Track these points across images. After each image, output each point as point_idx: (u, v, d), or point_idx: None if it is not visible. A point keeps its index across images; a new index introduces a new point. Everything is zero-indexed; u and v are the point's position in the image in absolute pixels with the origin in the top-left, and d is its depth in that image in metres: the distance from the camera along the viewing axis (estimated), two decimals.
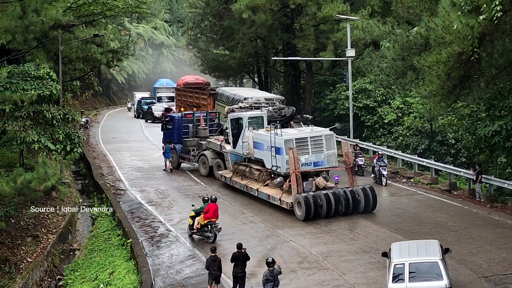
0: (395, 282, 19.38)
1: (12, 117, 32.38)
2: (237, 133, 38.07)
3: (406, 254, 20.29)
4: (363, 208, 32.36)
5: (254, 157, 36.44)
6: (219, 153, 41.52)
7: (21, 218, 33.92)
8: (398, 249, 20.95)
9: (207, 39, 74.13)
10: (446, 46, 26.62)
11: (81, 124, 64.83)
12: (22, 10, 32.09)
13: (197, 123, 45.50)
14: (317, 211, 31.23)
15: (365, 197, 32.35)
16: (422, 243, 21.89)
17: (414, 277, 19.36)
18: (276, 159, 33.58)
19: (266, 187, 34.93)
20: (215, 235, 28.58)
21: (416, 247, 21.12)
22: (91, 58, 50.36)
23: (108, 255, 30.86)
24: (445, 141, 45.91)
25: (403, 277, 19.36)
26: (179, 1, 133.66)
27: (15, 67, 33.10)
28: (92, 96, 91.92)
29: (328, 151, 34.18)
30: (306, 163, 33.19)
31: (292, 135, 33.87)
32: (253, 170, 36.58)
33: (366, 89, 55.84)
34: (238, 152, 38.17)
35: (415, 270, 19.53)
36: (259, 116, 37.80)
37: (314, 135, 34.24)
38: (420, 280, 19.37)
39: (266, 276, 20.81)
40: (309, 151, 33.52)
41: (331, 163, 34.39)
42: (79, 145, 35.16)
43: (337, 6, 54.02)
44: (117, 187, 40.78)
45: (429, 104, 35.02)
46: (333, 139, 34.87)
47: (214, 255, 22.66)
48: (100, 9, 44.93)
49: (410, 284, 19.19)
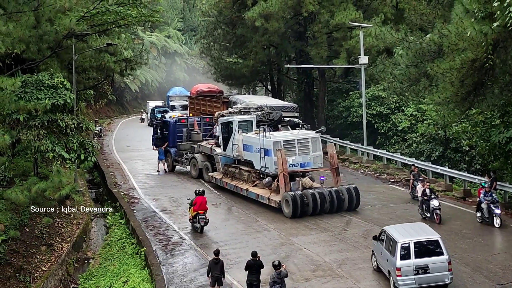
0: (403, 259, 22.00)
1: (27, 126, 32.47)
2: (227, 136, 40.18)
3: (408, 235, 22.90)
4: (347, 206, 34.29)
5: (244, 159, 38.33)
6: (209, 156, 43.79)
7: (36, 227, 33.98)
8: (395, 231, 23.56)
9: (220, 48, 74.30)
10: (459, 53, 26.59)
11: (95, 133, 65.09)
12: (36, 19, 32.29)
13: (191, 127, 47.15)
14: (303, 209, 33.21)
15: (349, 196, 34.31)
16: (414, 225, 25.53)
17: (419, 254, 22.05)
18: (264, 160, 35.57)
19: (255, 187, 36.85)
20: (201, 226, 31.07)
21: (411, 228, 24.15)
22: (105, 67, 50.54)
23: (122, 263, 30.89)
24: (459, 148, 45.67)
25: (410, 254, 22.01)
26: (192, 9, 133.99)
27: (29, 77, 33.20)
28: (106, 105, 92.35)
29: (314, 153, 36.02)
30: (293, 164, 35.08)
31: (280, 137, 35.85)
32: (242, 171, 38.49)
33: (380, 96, 55.71)
34: (228, 155, 40.17)
35: (419, 247, 22.23)
36: (248, 120, 40.10)
37: (301, 137, 36.08)
38: (424, 256, 22.10)
39: (274, 278, 21.26)
40: (296, 152, 35.32)
41: (317, 164, 36.23)
42: (93, 154, 35.20)
43: (350, 14, 54.03)
44: (131, 196, 40.85)
45: (443, 111, 34.93)
46: (319, 141, 36.58)
47: (217, 258, 22.75)
48: (113, 18, 45.04)
49: (416, 260, 21.95)
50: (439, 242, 22.43)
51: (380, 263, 24.41)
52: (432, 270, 22.00)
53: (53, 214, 35.86)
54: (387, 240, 23.42)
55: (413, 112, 52.34)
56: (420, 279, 22.00)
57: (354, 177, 45.91)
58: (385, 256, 23.37)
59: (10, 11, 28.46)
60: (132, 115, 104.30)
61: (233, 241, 29.68)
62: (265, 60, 67.34)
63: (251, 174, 37.59)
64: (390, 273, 22.79)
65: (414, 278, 21.95)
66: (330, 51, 59.01)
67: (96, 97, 64.36)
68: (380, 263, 24.31)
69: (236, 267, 25.55)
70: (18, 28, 27.48)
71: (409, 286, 22.02)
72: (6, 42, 27.00)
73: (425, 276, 22.02)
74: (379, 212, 34.46)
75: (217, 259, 22.77)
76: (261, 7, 55.38)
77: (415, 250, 22.11)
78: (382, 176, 45.78)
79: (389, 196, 38.48)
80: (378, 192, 39.90)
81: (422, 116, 50.94)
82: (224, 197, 38.56)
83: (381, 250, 23.95)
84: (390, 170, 46.69)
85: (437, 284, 22.30)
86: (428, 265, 22.02)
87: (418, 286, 22.08)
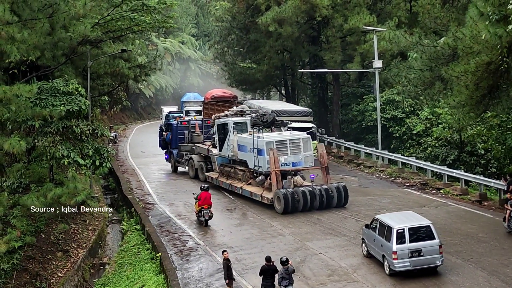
0: (399, 243, 24.01)
1: (42, 133, 32.63)
2: (223, 137, 42.10)
3: (402, 222, 25.02)
4: (336, 203, 35.97)
5: (239, 158, 40.39)
6: (206, 157, 45.79)
7: (52, 233, 34.14)
8: (389, 219, 25.70)
9: (234, 53, 74.46)
10: (474, 56, 26.47)
11: (110, 139, 65.19)
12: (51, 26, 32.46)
13: (192, 129, 48.66)
14: (294, 205, 35.04)
15: (337, 194, 36.01)
16: (404, 213, 28.06)
17: (413, 239, 24.14)
18: (258, 160, 37.51)
19: (249, 186, 38.78)
20: (205, 220, 33.38)
21: (403, 216, 26.55)
22: (119, 73, 50.76)
23: (138, 269, 30.96)
24: (475, 152, 45.41)
25: (405, 239, 24.07)
26: (205, 15, 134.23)
27: (44, 83, 33.37)
28: (121, 110, 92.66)
29: (305, 153, 37.85)
30: (285, 163, 36.99)
31: (272, 138, 37.91)
32: (237, 171, 40.52)
33: (394, 100, 55.53)
34: (223, 155, 42.30)
35: (413, 233, 24.30)
36: (243, 122, 42.20)
37: (292, 138, 38.11)
38: (418, 241, 24.18)
39: (282, 275, 21.73)
40: (288, 152, 37.29)
41: (308, 163, 37.93)
42: (108, 160, 35.33)
43: (364, 18, 53.96)
44: (146, 201, 40.92)
45: (458, 114, 34.74)
46: (309, 142, 38.50)
47: (269, 263, 22.59)
48: (127, 25, 45.23)
49: (411, 245, 24.02)
50: (431, 228, 24.53)
51: (372, 249, 26.41)
52: (425, 253, 24.09)
53: (68, 220, 36.03)
54: (381, 227, 25.39)
55: (428, 116, 52.15)
56: (414, 261, 24.03)
57: (369, 181, 45.80)
58: (379, 242, 25.33)
59: (25, 18, 28.62)
60: (146, 121, 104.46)
61: (248, 246, 29.68)
62: (279, 65, 67.36)
63: (246, 173, 39.54)
64: (385, 257, 24.74)
65: (409, 261, 23.97)
66: (344, 55, 58.96)
67: (111, 103, 64.54)
68: (373, 249, 26.26)
69: (251, 272, 25.53)
70: (33, 35, 27.63)
71: (405, 268, 24.02)
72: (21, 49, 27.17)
73: (419, 258, 24.07)
74: None
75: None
76: (275, 12, 55.44)
77: (409, 235, 24.17)
78: (397, 180, 45.61)
79: (404, 200, 38.34)
80: (393, 196, 39.77)
81: (437, 119, 50.75)
82: (239, 202, 38.57)
83: (374, 237, 25.91)
84: (405, 174, 46.51)
85: (429, 266, 24.37)
86: (421, 248, 24.09)
87: (412, 268, 24.11)
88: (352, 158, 54.55)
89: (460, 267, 25.29)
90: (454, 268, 25.21)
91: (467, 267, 25.27)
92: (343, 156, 56.06)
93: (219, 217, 35.54)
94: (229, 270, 23.31)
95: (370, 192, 40.01)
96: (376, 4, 60.99)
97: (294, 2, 54.51)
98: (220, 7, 74.49)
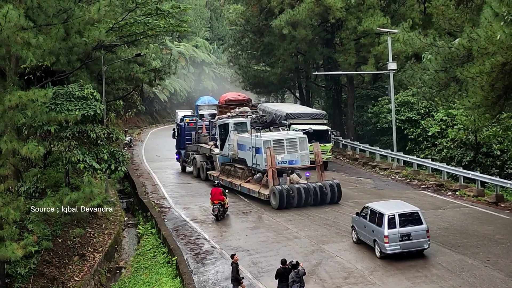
0: (390, 228, 26.27)
1: (58, 138, 32.73)
2: (224, 137, 44.41)
3: (392, 209, 27.25)
4: (329, 200, 37.87)
5: (238, 157, 42.28)
6: (208, 157, 48.27)
7: (68, 237, 34.27)
8: (380, 206, 27.94)
9: (248, 56, 74.54)
10: (489, 57, 26.35)
11: (125, 143, 65.43)
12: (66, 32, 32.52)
13: (199, 130, 50.73)
14: (289, 201, 37.00)
15: (331, 191, 37.90)
16: (392, 201, 31.32)
17: (403, 224, 26.46)
18: (256, 158, 39.40)
19: (247, 183, 40.67)
20: (217, 214, 35.35)
21: (392, 204, 29.40)
22: (134, 77, 50.94)
23: (154, 273, 30.99)
24: (491, 153, 45.22)
25: (395, 224, 26.33)
26: (219, 19, 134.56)
27: (59, 88, 33.47)
28: (135, 115, 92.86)
29: (302, 152, 39.74)
30: (282, 161, 38.96)
31: (270, 137, 39.84)
32: (237, 169, 42.62)
33: (409, 101, 55.34)
34: (224, 154, 44.46)
35: (403, 218, 26.64)
36: (243, 122, 44.41)
37: (289, 137, 40.14)
38: (407, 226, 26.52)
39: (293, 278, 21.79)
40: (285, 151, 39.20)
41: (304, 162, 39.81)
42: (123, 164, 35.39)
43: (378, 20, 53.89)
44: (161, 205, 41.00)
45: (473, 115, 34.65)
46: (306, 141, 40.31)
47: (284, 266, 22.60)
48: (141, 29, 45.37)
49: (401, 229, 26.35)
50: (419, 214, 27.00)
51: (362, 236, 28.80)
52: (414, 237, 26.45)
53: (84, 224, 36.15)
54: (372, 214, 27.66)
55: (443, 117, 51.96)
56: (404, 244, 26.39)
57: (384, 183, 45.69)
58: (370, 228, 27.66)
59: (40, 24, 28.69)
60: (161, 124, 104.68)
61: (264, 249, 29.68)
62: (293, 68, 67.42)
63: (244, 171, 41.60)
64: (377, 241, 27.11)
65: (399, 244, 26.32)
66: (358, 58, 58.89)
67: (126, 107, 64.88)
68: (363, 235, 28.64)
69: (267, 275, 25.54)
70: (48, 41, 27.65)
71: (395, 251, 26.36)
72: (37, 54, 27.21)
73: (408, 242, 26.44)
74: None
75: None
76: (288, 15, 55.50)
77: (399, 220, 26.48)
78: (412, 182, 45.49)
79: (420, 202, 38.13)
80: (409, 198, 39.58)
81: (452, 121, 50.57)
82: (254, 205, 38.61)
83: (365, 224, 28.24)
84: (421, 176, 46.39)
85: (417, 249, 26.77)
86: (410, 233, 26.47)
87: (402, 251, 26.47)
88: (367, 160, 54.47)
89: (477, 269, 25.21)
90: (471, 270, 25.14)
91: (484, 269, 25.18)
92: (358, 158, 55.98)
93: (235, 220, 35.63)
94: (237, 273, 23.39)
95: (385, 194, 39.90)
96: (389, 6, 60.94)
97: (308, 4, 54.53)
98: (233, 10, 74.73)
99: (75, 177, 39.61)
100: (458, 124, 48.34)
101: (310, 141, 45.04)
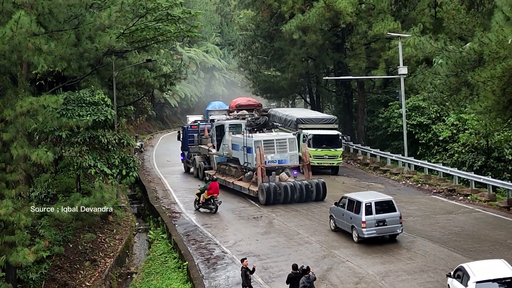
0: (367, 214, 29.32)
1: (69, 143, 32.83)
2: (220, 138, 47.35)
3: (369, 197, 30.50)
4: (315, 197, 40.35)
5: (232, 156, 44.94)
6: (207, 157, 51.16)
7: (79, 242, 34.35)
8: (358, 196, 31.12)
9: (258, 61, 74.65)
10: (500, 61, 26.26)
11: (136, 148, 65.62)
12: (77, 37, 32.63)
13: (201, 133, 52.73)
14: (276, 197, 39.60)
15: (316, 188, 40.32)
16: (368, 192, 36.77)
17: (378, 211, 29.47)
18: (247, 157, 41.98)
19: (240, 181, 43.42)
20: (216, 207, 38.53)
21: (368, 193, 34.58)
22: (144, 83, 51.09)
23: (165, 278, 30.98)
24: (502, 157, 45.04)
25: (372, 211, 29.36)
26: (229, 24, 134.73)
27: (70, 94, 33.59)
28: (146, 120, 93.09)
29: (291, 152, 42.14)
30: (272, 161, 41.57)
31: (261, 137, 42.23)
32: (231, 168, 45.58)
33: (420, 106, 55.23)
34: (220, 154, 47.31)
35: (379, 206, 29.70)
36: (238, 124, 47.82)
37: (279, 138, 42.79)
38: (382, 212, 29.56)
39: (304, 283, 21.63)
40: (275, 150, 41.67)
41: (293, 161, 42.37)
42: (134, 169, 35.45)
43: (388, 24, 53.81)
44: (172, 210, 41.04)
45: (485, 120, 34.53)
46: (295, 142, 43.04)
47: (295, 271, 22.56)
48: (152, 35, 45.54)
49: (377, 216, 29.39)
50: (392, 202, 30.18)
51: (340, 224, 31.92)
52: (388, 223, 29.63)
53: (96, 229, 36.22)
54: (350, 203, 30.63)
55: (454, 122, 51.82)
56: (379, 229, 29.55)
57: (395, 188, 45.60)
58: (348, 216, 30.68)
59: (52, 30, 28.78)
60: (172, 130, 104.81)
61: (274, 254, 29.65)
62: (303, 73, 67.45)
63: (237, 169, 44.38)
64: (354, 227, 30.25)
65: (375, 229, 29.47)
66: (369, 62, 58.78)
67: (137, 112, 65.10)
68: (341, 223, 31.73)
69: (278, 280, 25.49)
70: (59, 46, 27.73)
71: (372, 235, 29.51)
72: (48, 60, 27.29)
73: (383, 227, 29.60)
74: (422, 223, 34.17)
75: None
76: (299, 19, 55.54)
77: (376, 208, 29.49)
78: (424, 187, 45.39)
79: (431, 207, 38.14)
80: (420, 203, 39.58)
81: (463, 125, 50.42)
82: (265, 210, 38.58)
83: (343, 212, 31.25)
84: (432, 181, 46.28)
85: (391, 233, 30.02)
86: (385, 219, 29.60)
87: (378, 235, 29.70)
88: (378, 165, 54.38)
89: None
90: None
91: None
92: (369, 163, 55.92)
93: (245, 225, 35.61)
94: (247, 278, 23.36)
95: (396, 199, 39.45)
96: (400, 11, 60.77)
97: (318, 9, 54.55)
98: (244, 15, 74.91)
99: (86, 182, 39.73)
100: (469, 129, 48.17)
101: (321, 146, 49.73)
